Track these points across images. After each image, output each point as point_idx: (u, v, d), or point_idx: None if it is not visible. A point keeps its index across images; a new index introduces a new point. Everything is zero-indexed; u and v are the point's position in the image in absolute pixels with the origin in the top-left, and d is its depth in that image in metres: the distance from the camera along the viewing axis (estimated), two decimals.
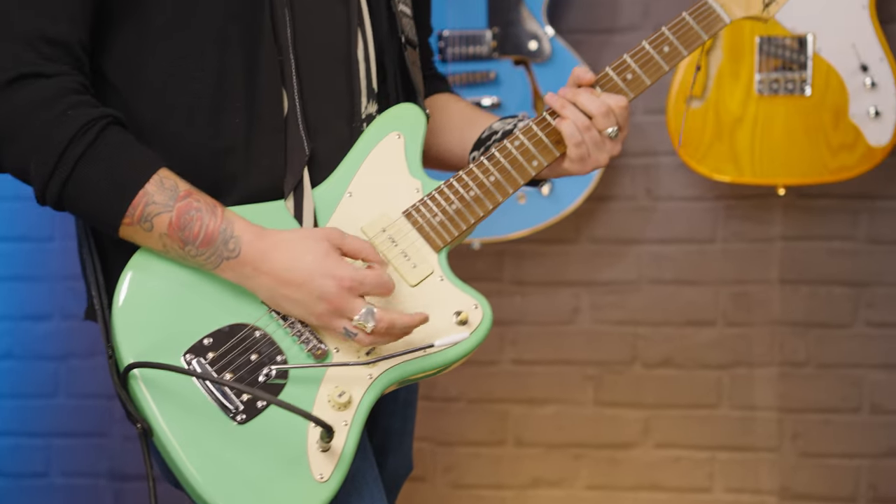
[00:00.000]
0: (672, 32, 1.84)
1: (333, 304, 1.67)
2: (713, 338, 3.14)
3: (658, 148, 3.09)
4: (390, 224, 1.78)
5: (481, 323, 1.76)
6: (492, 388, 3.22)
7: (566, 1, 3.07)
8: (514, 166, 1.80)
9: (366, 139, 1.81)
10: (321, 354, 1.71)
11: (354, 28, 1.81)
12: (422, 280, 1.76)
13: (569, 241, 3.15)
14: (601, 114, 1.78)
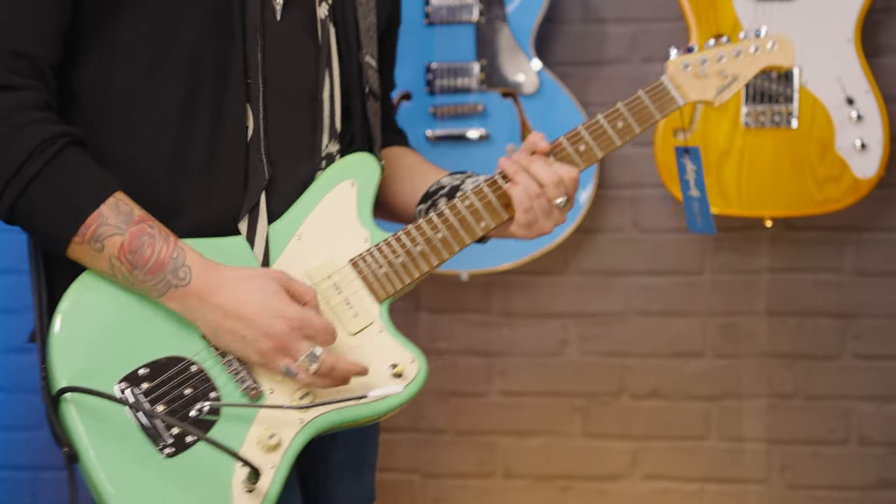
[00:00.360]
0: (627, 109, 1.88)
1: (280, 343, 1.69)
2: (701, 369, 3.14)
3: (645, 180, 3.10)
4: (336, 271, 1.80)
5: (415, 377, 1.79)
6: (480, 420, 3.21)
7: (554, 34, 3.09)
8: (462, 225, 1.83)
9: (320, 184, 1.83)
10: (255, 395, 1.72)
11: (323, 68, 1.84)
12: (361, 329, 1.79)
13: (557, 273, 3.16)
14: (552, 183, 1.82)
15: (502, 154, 2.93)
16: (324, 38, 1.84)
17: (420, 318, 3.21)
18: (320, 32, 1.84)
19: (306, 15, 1.83)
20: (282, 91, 1.81)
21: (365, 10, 1.90)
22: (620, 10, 3.09)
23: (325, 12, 1.84)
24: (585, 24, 3.10)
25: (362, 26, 1.89)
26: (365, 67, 1.89)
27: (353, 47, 1.88)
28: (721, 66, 1.94)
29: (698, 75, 1.93)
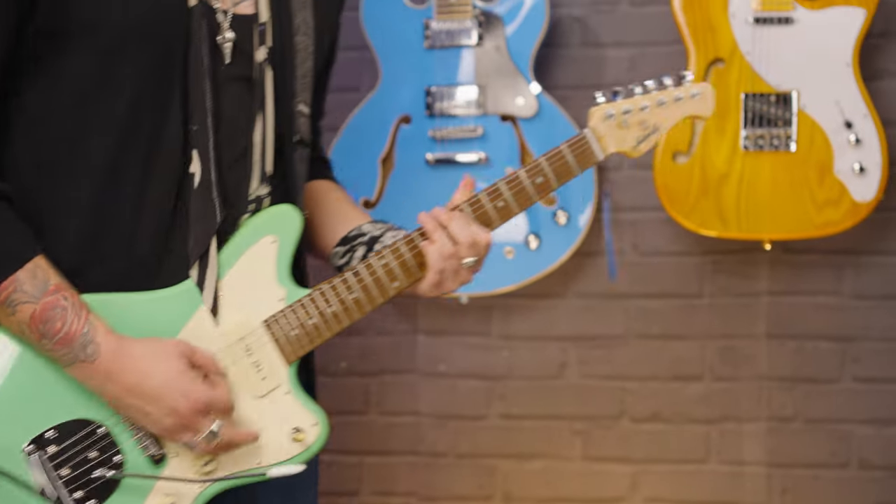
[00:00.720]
0: (548, 164, 1.88)
1: (183, 421, 1.73)
2: (700, 392, 3.14)
3: (645, 203, 3.10)
4: (249, 333, 1.81)
5: (315, 442, 1.82)
6: (480, 443, 3.21)
7: (553, 57, 3.10)
8: (377, 285, 1.84)
9: (242, 237, 1.83)
10: (159, 459, 1.76)
11: (256, 112, 1.84)
12: (268, 393, 1.81)
13: (556, 296, 3.16)
14: (466, 245, 1.83)
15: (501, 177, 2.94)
16: (260, 82, 1.85)
17: (419, 340, 3.21)
18: (257, 77, 1.84)
19: (245, 60, 1.84)
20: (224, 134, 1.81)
21: (302, 57, 1.91)
22: (619, 34, 3.10)
23: (263, 55, 1.85)
24: (584, 47, 3.11)
25: (298, 72, 1.90)
26: (297, 116, 1.90)
27: (289, 94, 1.88)
28: (644, 115, 1.93)
29: (620, 125, 1.92)
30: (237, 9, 1.84)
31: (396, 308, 3.21)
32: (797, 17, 2.85)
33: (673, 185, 2.91)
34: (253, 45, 1.84)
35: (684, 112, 1.95)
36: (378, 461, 3.24)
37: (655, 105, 1.94)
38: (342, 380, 3.24)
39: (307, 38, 1.92)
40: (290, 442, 1.81)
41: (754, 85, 2.87)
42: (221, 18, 1.81)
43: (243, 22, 1.83)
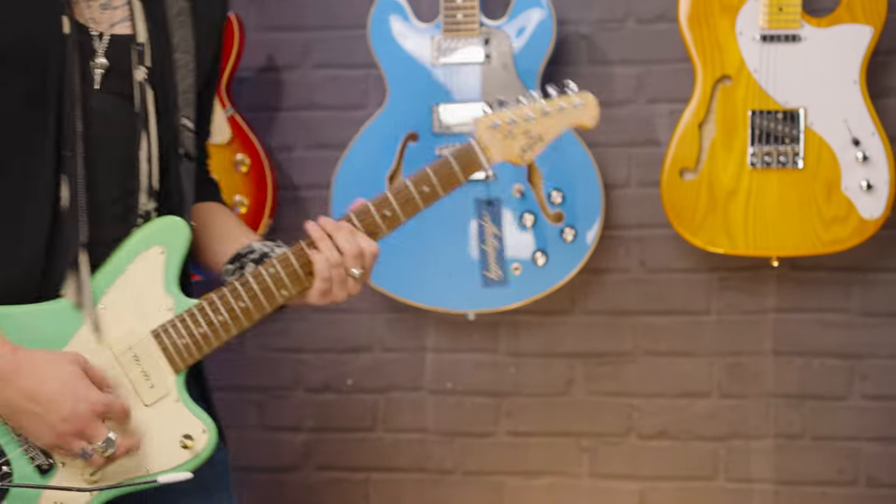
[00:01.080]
0: (434, 173, 1.92)
1: (79, 427, 1.74)
2: (708, 409, 3.13)
3: (652, 220, 3.10)
4: (137, 342, 1.83)
5: (204, 449, 1.84)
6: (487, 460, 3.21)
7: (560, 75, 3.10)
8: (265, 294, 1.86)
9: (128, 249, 1.85)
10: (47, 469, 1.77)
11: (140, 131, 1.87)
12: (156, 401, 1.83)
13: (563, 313, 3.16)
14: (352, 255, 1.86)
15: (509, 195, 2.95)
16: (141, 102, 1.87)
17: (427, 357, 3.21)
18: (138, 97, 1.87)
19: (124, 80, 1.87)
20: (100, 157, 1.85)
21: (183, 74, 1.93)
22: (626, 51, 3.11)
23: (142, 76, 1.88)
24: (591, 65, 3.12)
25: (180, 88, 1.92)
26: (181, 130, 1.93)
27: (171, 110, 1.91)
28: (528, 126, 1.98)
29: (505, 136, 1.97)
30: (114, 30, 1.87)
31: (403, 325, 3.21)
32: (804, 34, 2.86)
33: (680, 201, 2.91)
34: (131, 65, 1.87)
35: (568, 122, 2.01)
36: (385, 478, 3.24)
37: (540, 115, 1.99)
38: (349, 396, 3.24)
39: (187, 55, 1.95)
40: (179, 449, 1.83)
41: (761, 102, 2.87)
42: (97, 44, 1.85)
43: (120, 43, 1.87)
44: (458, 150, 1.95)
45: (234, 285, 1.86)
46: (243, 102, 3.20)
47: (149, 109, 1.88)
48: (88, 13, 1.86)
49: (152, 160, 1.89)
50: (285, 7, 3.21)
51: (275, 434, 3.27)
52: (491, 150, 1.96)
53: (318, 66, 3.21)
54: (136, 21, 1.89)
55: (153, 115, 1.89)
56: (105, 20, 1.87)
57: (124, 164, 1.87)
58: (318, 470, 3.26)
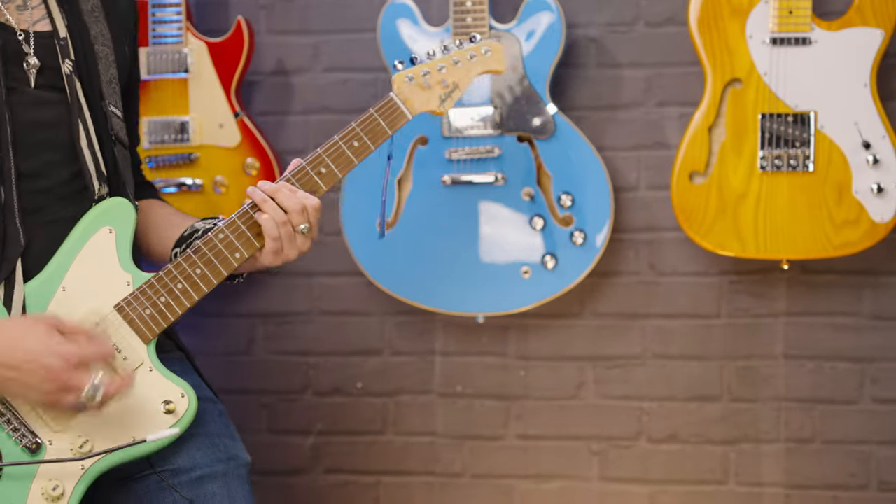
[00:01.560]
0: (361, 128, 2.03)
1: (61, 381, 1.77)
2: (718, 413, 3.13)
3: (662, 223, 3.10)
4: (102, 318, 1.89)
5: (187, 411, 1.90)
6: (496, 464, 3.20)
7: (569, 78, 3.10)
8: (218, 258, 1.94)
9: (78, 233, 1.91)
10: (35, 448, 1.81)
11: (76, 119, 1.94)
12: (132, 371, 1.89)
13: (573, 316, 3.16)
14: (296, 211, 1.96)
15: (518, 198, 2.95)
16: (72, 92, 1.95)
17: (436, 360, 3.21)
18: (68, 88, 1.94)
19: (54, 74, 1.94)
20: (36, 155, 1.90)
21: (105, 65, 2.01)
22: (635, 54, 3.10)
23: (69, 69, 1.95)
24: (601, 68, 3.11)
25: (104, 78, 2.00)
26: (110, 115, 2.00)
27: (97, 97, 1.98)
28: (442, 75, 2.10)
29: (422, 87, 2.08)
30: (36, 27, 1.95)
31: (412, 328, 3.21)
32: (815, 37, 2.85)
33: (690, 205, 2.90)
34: (58, 59, 1.94)
35: (480, 68, 2.14)
36: (395, 481, 3.24)
37: (451, 65, 2.11)
38: (358, 400, 3.24)
39: (106, 47, 2.03)
40: (162, 415, 1.88)
41: (772, 105, 2.87)
42: (25, 45, 1.91)
43: (44, 39, 1.94)
44: (379, 105, 2.05)
45: (187, 254, 1.93)
46: (253, 106, 3.20)
47: (80, 99, 1.95)
48: (7, 13, 1.92)
49: (93, 145, 1.95)
50: (294, 11, 3.22)
51: (284, 437, 3.28)
52: (411, 101, 2.07)
53: (328, 70, 3.21)
54: (55, 18, 1.96)
55: (84, 103, 1.96)
56: (25, 20, 1.94)
57: (66, 149, 1.93)
58: (327, 473, 3.27)
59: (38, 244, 1.89)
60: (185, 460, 1.95)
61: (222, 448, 2.00)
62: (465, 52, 2.13)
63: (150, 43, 3.04)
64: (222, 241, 1.94)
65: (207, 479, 1.94)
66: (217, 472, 1.96)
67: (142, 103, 3.03)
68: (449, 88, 2.11)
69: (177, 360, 2.09)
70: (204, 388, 2.09)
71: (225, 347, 3.27)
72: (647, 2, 3.10)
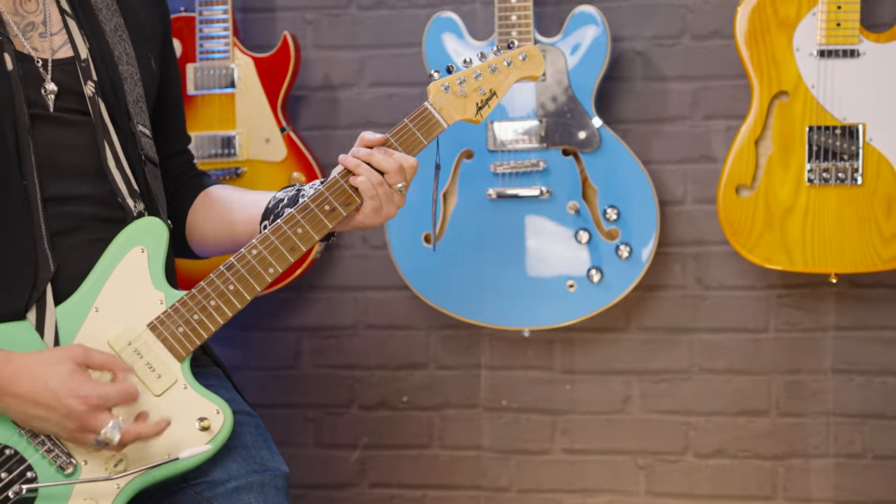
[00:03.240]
0: (395, 139, 2.02)
1: (81, 422, 1.78)
2: (767, 428, 3.10)
3: (709, 237, 3.08)
4: (136, 337, 1.89)
5: (222, 428, 1.89)
6: (543, 478, 3.20)
7: (615, 91, 3.09)
8: (251, 274, 1.93)
9: (110, 254, 1.92)
10: (70, 469, 1.82)
11: (101, 142, 1.94)
12: (166, 390, 1.88)
13: (619, 330, 3.15)
14: (394, 171, 1.97)
15: (564, 211, 2.94)
16: (96, 113, 1.95)
17: (482, 374, 3.21)
18: (91, 110, 1.95)
19: (76, 98, 1.95)
20: (64, 177, 1.91)
21: (131, 84, 2.01)
22: (681, 67, 3.09)
23: (91, 90, 1.95)
24: (647, 81, 3.11)
25: (130, 98, 2.00)
26: (138, 136, 2.00)
27: (125, 118, 1.99)
28: (479, 83, 2.07)
29: (458, 95, 2.06)
30: (57, 55, 1.95)
31: (458, 342, 3.21)
32: (863, 49, 2.83)
33: (736, 218, 2.89)
34: (81, 82, 1.94)
35: (517, 74, 2.10)
36: (441, 495, 3.24)
37: (488, 72, 2.08)
38: (404, 414, 3.24)
39: (131, 66, 2.02)
40: (197, 432, 1.87)
41: (819, 118, 2.85)
42: (44, 72, 1.92)
43: (66, 66, 1.95)
44: (414, 115, 2.03)
45: (220, 270, 1.93)
46: (300, 121, 3.22)
47: (105, 120, 1.95)
48: (30, 44, 1.93)
49: (122, 165, 1.96)
50: (341, 26, 3.23)
51: (330, 451, 3.28)
52: (447, 109, 2.04)
53: (374, 85, 3.22)
54: (76, 42, 1.97)
55: (110, 124, 1.96)
56: (46, 47, 1.95)
57: (95, 172, 1.94)
58: (373, 487, 3.27)
59: (72, 267, 1.90)
60: (221, 472, 1.94)
61: (258, 459, 1.99)
62: (502, 58, 2.09)
63: (198, 59, 3.07)
64: (255, 256, 1.93)
65: (244, 490, 1.94)
66: (253, 483, 1.95)
67: (189, 118, 3.06)
68: (486, 96, 2.08)
69: (213, 375, 2.09)
70: (240, 401, 2.09)
71: (271, 361, 3.29)
72: (693, 15, 3.09)
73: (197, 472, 1.94)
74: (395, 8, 3.20)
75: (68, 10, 1.99)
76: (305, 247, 1.95)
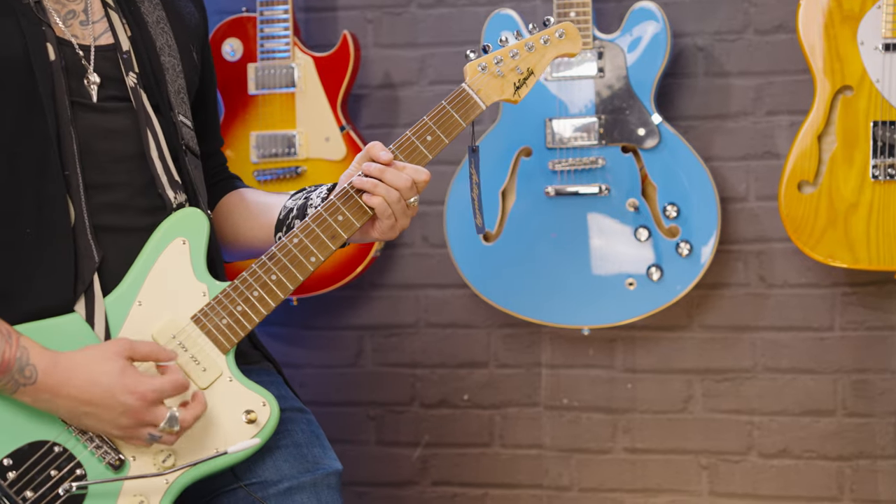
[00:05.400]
0: (433, 122, 1.98)
1: (137, 418, 1.78)
2: (832, 428, 3.06)
3: (772, 234, 3.05)
4: (180, 330, 1.88)
5: (269, 420, 1.88)
6: (604, 477, 3.18)
7: (676, 87, 3.07)
8: (293, 263, 1.91)
9: (152, 246, 1.91)
10: (119, 465, 1.81)
11: (144, 130, 1.93)
12: (212, 382, 1.87)
13: (680, 328, 3.12)
14: (406, 188, 1.93)
15: (623, 209, 2.92)
16: (138, 103, 1.94)
17: (542, 373, 3.20)
18: (133, 99, 1.94)
19: (118, 86, 1.94)
20: (106, 166, 1.91)
21: (172, 75, 2.01)
22: (744, 63, 3.06)
23: (133, 81, 1.95)
24: (709, 77, 3.07)
25: (171, 89, 1.99)
26: (179, 126, 1.99)
27: (167, 108, 1.98)
28: (515, 62, 2.03)
29: (495, 75, 2.02)
30: (98, 41, 1.95)
31: (518, 341, 3.20)
32: None
33: (798, 215, 2.84)
34: (122, 72, 1.94)
35: (554, 51, 2.05)
36: (502, 494, 3.23)
37: (525, 50, 2.04)
38: (465, 412, 3.24)
39: (173, 58, 2.02)
40: (244, 424, 1.87)
41: (884, 113, 2.80)
42: (86, 61, 1.92)
43: (107, 52, 1.94)
44: (451, 97, 2.00)
45: (262, 261, 1.91)
46: (361, 119, 3.23)
47: (147, 109, 1.95)
48: (70, 31, 1.93)
49: (164, 154, 1.96)
50: (401, 24, 3.24)
51: (392, 449, 3.29)
52: (484, 90, 2.01)
53: (434, 83, 3.22)
54: (118, 32, 1.97)
55: (152, 113, 1.96)
56: (87, 34, 1.95)
57: (136, 161, 1.93)
58: (434, 485, 3.27)
59: (114, 256, 1.89)
60: (273, 472, 1.94)
61: (311, 458, 1.98)
62: (539, 36, 2.05)
63: (259, 58, 3.09)
64: (297, 245, 1.92)
65: (296, 490, 1.93)
66: (305, 483, 1.94)
67: (250, 118, 3.09)
68: (524, 75, 2.04)
69: (263, 371, 2.08)
70: (291, 397, 2.08)
71: (333, 359, 3.30)
72: (756, 9, 3.06)
73: (249, 472, 1.94)
74: (456, 5, 3.20)
75: (110, 1, 1.99)
76: (346, 234, 1.93)
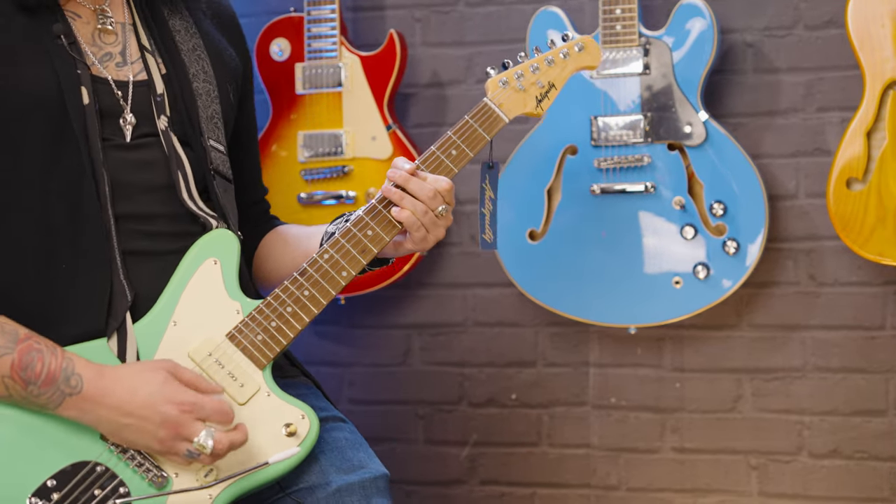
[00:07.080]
0: (458, 136, 2.02)
1: (175, 429, 1.80)
2: (884, 428, 3.02)
3: (822, 232, 3.01)
4: (215, 348, 1.90)
5: (309, 432, 1.89)
6: (653, 477, 3.16)
7: (725, 84, 3.04)
8: (325, 278, 1.94)
9: (184, 268, 1.94)
10: (161, 482, 1.83)
11: (175, 170, 1.97)
12: (250, 398, 1.89)
13: (729, 327, 3.09)
14: (429, 198, 1.96)
15: (669, 207, 2.90)
16: (169, 146, 1.97)
17: (590, 372, 3.19)
18: (164, 144, 1.97)
19: (150, 124, 1.97)
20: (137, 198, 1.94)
21: (206, 101, 2.03)
22: (794, 59, 3.03)
23: (164, 125, 1.98)
24: (758, 74, 3.05)
25: (203, 115, 2.02)
26: (209, 150, 2.02)
27: (196, 135, 2.01)
28: (536, 76, 2.08)
29: (517, 90, 2.08)
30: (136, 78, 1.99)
31: (566, 340, 3.19)
32: None
33: (847, 212, 2.81)
34: (154, 113, 1.97)
35: (574, 65, 2.11)
36: (551, 493, 3.22)
37: (545, 64, 2.09)
38: (513, 411, 3.24)
39: (208, 84, 2.05)
40: (284, 438, 1.88)
41: None
42: (122, 100, 1.95)
43: (142, 91, 1.97)
44: (474, 111, 2.05)
45: (293, 276, 1.95)
46: (409, 118, 3.24)
47: (177, 148, 1.98)
48: (106, 72, 1.97)
49: (191, 187, 1.99)
50: (449, 23, 3.24)
51: (440, 448, 3.29)
52: (506, 105, 2.06)
53: (481, 81, 3.22)
54: (152, 71, 2.00)
55: (181, 151, 1.99)
56: (123, 75, 1.98)
57: (166, 189, 1.97)
58: (482, 484, 3.27)
59: (145, 285, 1.93)
60: (318, 476, 1.94)
61: (356, 461, 1.98)
62: (558, 49, 2.10)
63: (306, 58, 3.10)
64: (328, 260, 1.95)
65: (345, 492, 1.93)
66: (354, 485, 1.94)
67: (297, 118, 3.10)
68: (545, 88, 2.09)
69: (301, 385, 2.10)
70: (331, 409, 2.09)
71: (382, 358, 3.31)
72: (806, 4, 3.03)
73: (294, 480, 1.95)
74: (503, 4, 3.20)
75: (148, 46, 2.02)
76: (376, 248, 1.97)
